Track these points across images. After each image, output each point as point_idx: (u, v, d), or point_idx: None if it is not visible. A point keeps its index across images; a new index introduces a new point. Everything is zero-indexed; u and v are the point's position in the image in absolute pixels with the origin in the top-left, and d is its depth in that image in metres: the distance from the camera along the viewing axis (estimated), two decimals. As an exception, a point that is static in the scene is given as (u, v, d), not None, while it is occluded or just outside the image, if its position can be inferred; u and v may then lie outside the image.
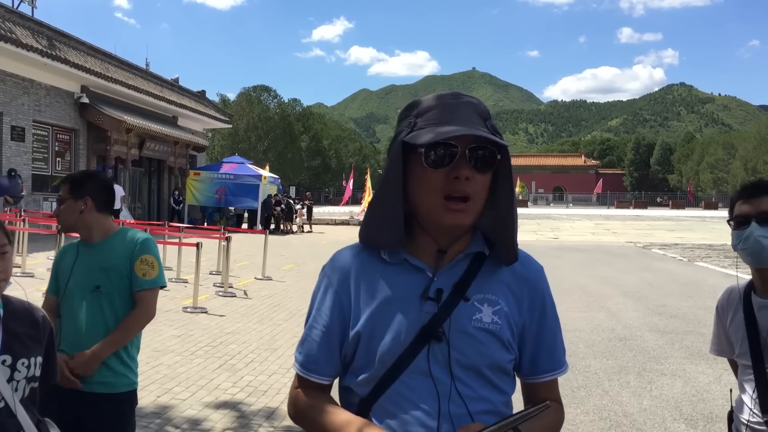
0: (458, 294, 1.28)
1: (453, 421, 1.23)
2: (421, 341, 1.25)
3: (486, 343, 1.28)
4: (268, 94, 67.66)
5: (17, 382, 1.71)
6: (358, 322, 1.29)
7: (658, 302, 10.09)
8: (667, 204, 72.54)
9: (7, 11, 18.14)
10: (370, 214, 1.33)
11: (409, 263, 1.30)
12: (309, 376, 1.34)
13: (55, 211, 2.68)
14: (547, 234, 26.83)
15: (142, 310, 2.60)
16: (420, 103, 1.32)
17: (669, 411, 5.02)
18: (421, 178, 1.25)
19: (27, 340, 1.76)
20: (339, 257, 1.37)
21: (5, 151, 17.68)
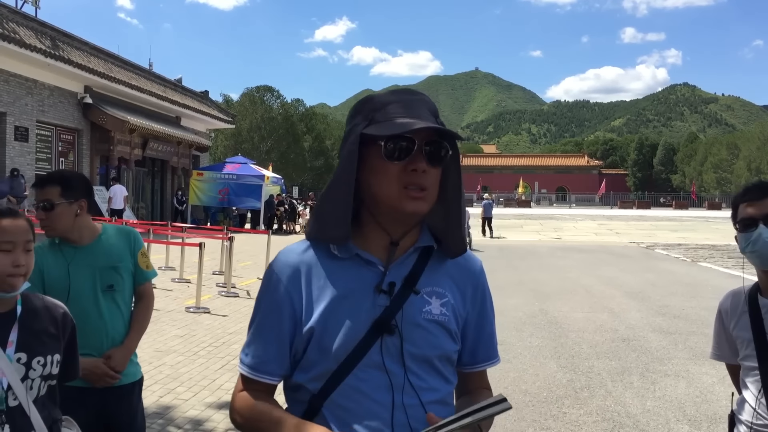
0: (409, 287, 1.31)
1: (406, 412, 1.27)
2: (374, 334, 1.27)
3: (436, 335, 1.32)
4: (271, 95, 67.71)
5: (32, 380, 1.71)
6: (311, 318, 1.28)
7: (661, 303, 10.07)
8: (671, 204, 72.40)
9: (11, 11, 18.18)
10: (320, 210, 1.34)
11: (360, 257, 1.31)
12: (259, 377, 1.32)
13: (41, 215, 2.50)
14: (550, 234, 26.80)
15: (150, 301, 2.78)
16: (375, 99, 1.34)
17: (672, 412, 5.01)
18: (380, 169, 1.28)
19: (45, 337, 1.77)
20: (286, 255, 1.35)
21: (9, 152, 17.72)
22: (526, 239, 24.15)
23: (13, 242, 1.76)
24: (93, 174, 21.75)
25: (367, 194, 1.31)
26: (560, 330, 7.95)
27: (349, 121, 1.35)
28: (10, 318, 1.74)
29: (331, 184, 1.32)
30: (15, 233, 1.78)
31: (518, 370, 6.14)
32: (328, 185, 1.33)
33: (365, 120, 1.30)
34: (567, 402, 5.20)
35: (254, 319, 1.36)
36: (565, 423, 4.73)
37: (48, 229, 2.51)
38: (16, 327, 1.73)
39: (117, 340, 2.57)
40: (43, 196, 2.50)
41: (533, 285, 11.85)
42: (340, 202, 1.29)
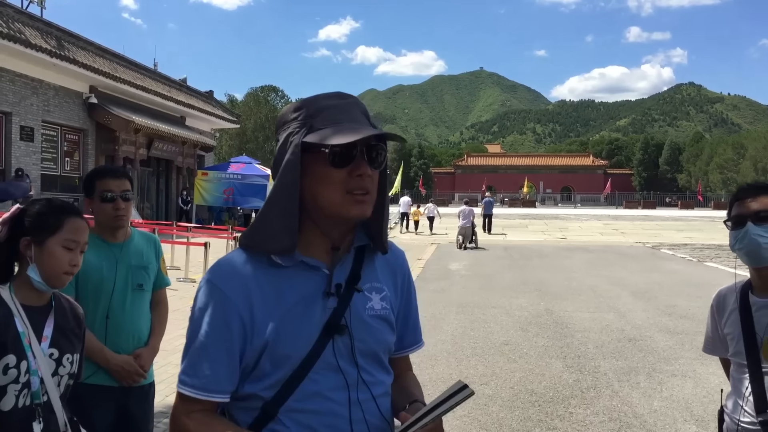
0: (352, 286, 1.33)
1: (362, 407, 1.30)
2: (326, 337, 1.29)
3: (380, 329, 1.36)
4: (276, 94, 67.84)
5: (61, 377, 1.72)
6: (263, 330, 1.26)
7: (667, 303, 10.03)
8: (676, 204, 72.21)
9: (17, 12, 18.23)
10: (262, 221, 1.30)
11: (305, 264, 1.31)
12: (210, 396, 1.26)
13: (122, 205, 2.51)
14: (555, 234, 26.75)
15: (167, 306, 2.84)
16: (308, 105, 1.32)
17: (680, 412, 4.98)
18: (323, 176, 1.27)
19: (71, 335, 1.80)
20: (225, 268, 1.30)
21: (14, 151, 17.77)
22: (531, 239, 24.11)
23: (77, 242, 1.80)
24: (98, 174, 21.78)
25: (308, 201, 1.30)
26: (566, 330, 7.92)
27: (281, 127, 1.34)
28: (45, 312, 1.76)
29: (273, 195, 1.30)
30: (81, 233, 1.82)
31: (524, 370, 6.12)
32: (269, 196, 1.31)
33: (302, 127, 1.29)
34: (573, 402, 5.18)
35: (195, 336, 1.28)
36: (572, 423, 4.71)
37: (123, 220, 2.54)
38: (51, 322, 1.75)
39: (143, 339, 2.62)
40: (123, 186, 2.55)
41: (538, 285, 11.82)
42: (286, 213, 1.28)
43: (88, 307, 2.44)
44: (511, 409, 5.00)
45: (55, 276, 1.74)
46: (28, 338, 1.52)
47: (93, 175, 2.58)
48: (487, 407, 5.00)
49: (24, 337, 1.51)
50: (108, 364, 2.45)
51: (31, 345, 1.54)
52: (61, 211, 1.79)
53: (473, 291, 11.16)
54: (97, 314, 2.48)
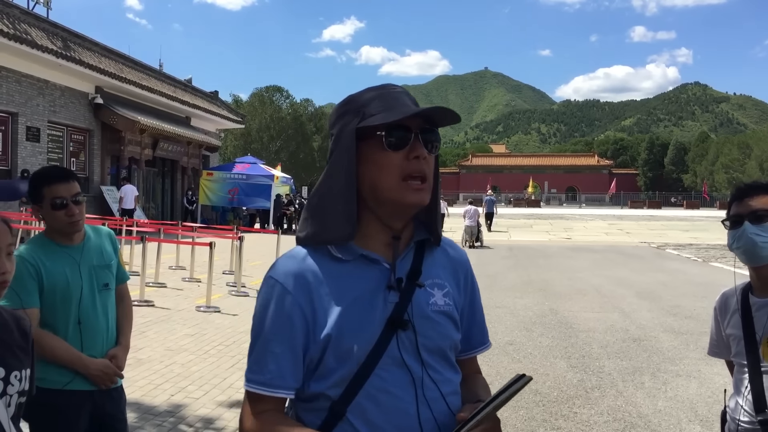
0: (413, 281, 1.32)
1: (430, 406, 1.28)
2: (389, 332, 1.27)
3: (444, 325, 1.35)
4: (281, 95, 67.91)
5: (10, 396, 1.53)
6: (325, 326, 1.26)
7: (672, 303, 10.01)
8: (682, 204, 72.02)
9: (23, 12, 18.31)
10: (317, 212, 1.31)
11: (366, 257, 1.30)
12: (275, 392, 1.26)
13: (76, 210, 2.40)
14: (560, 234, 26.72)
15: (130, 300, 2.79)
16: (360, 97, 1.33)
17: (684, 412, 4.98)
18: (380, 161, 1.27)
19: (18, 351, 1.59)
20: (286, 264, 1.30)
21: (21, 152, 17.85)
22: (536, 239, 24.09)
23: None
24: (104, 174, 21.88)
25: (366, 190, 1.30)
26: (570, 330, 7.92)
27: (336, 122, 1.33)
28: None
29: (328, 184, 1.30)
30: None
31: (528, 369, 6.12)
32: (323, 186, 1.31)
33: (356, 116, 1.29)
34: (578, 402, 5.19)
35: (260, 333, 1.29)
36: (576, 423, 4.72)
37: (79, 225, 2.44)
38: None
39: (113, 339, 2.57)
40: (74, 189, 2.42)
41: (543, 285, 11.81)
42: (342, 200, 1.27)
43: (58, 315, 2.39)
44: (516, 408, 5.00)
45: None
46: None
47: (38, 180, 2.41)
48: (492, 407, 5.00)
49: None
50: (87, 371, 2.40)
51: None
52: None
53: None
54: (70, 321, 2.41)
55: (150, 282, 9.97)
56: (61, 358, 2.36)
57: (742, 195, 2.03)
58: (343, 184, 1.27)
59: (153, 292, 9.64)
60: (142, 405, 4.79)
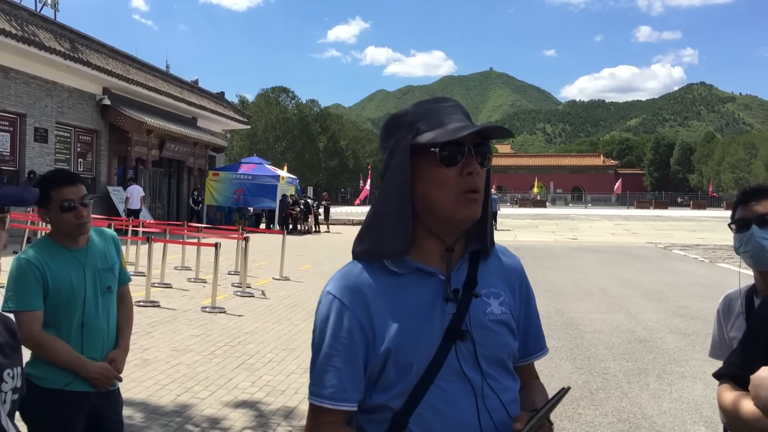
0: (469, 291, 1.33)
1: (491, 415, 1.29)
2: (448, 343, 1.28)
3: (502, 334, 1.36)
4: (286, 95, 68.06)
5: (5, 393, 1.58)
6: (384, 339, 1.28)
7: (679, 304, 9.99)
8: (688, 204, 71.78)
9: (30, 14, 18.40)
10: (373, 227, 1.33)
11: (421, 270, 1.31)
12: (339, 406, 1.27)
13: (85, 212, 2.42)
14: (565, 234, 26.66)
15: (131, 301, 2.80)
16: (411, 112, 1.34)
17: (689, 414, 4.97)
18: (434, 177, 1.28)
19: (8, 350, 1.64)
20: (344, 279, 1.32)
21: (29, 152, 17.94)
22: (542, 239, 24.05)
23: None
24: (111, 174, 21.97)
25: (420, 205, 1.31)
26: (576, 331, 7.91)
27: (388, 137, 1.35)
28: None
29: (384, 200, 1.31)
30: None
31: (534, 370, 6.12)
32: (380, 201, 1.33)
33: (410, 131, 1.31)
34: (583, 403, 5.19)
35: (320, 348, 1.30)
36: (581, 424, 4.72)
37: (86, 227, 2.46)
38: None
39: (112, 342, 2.59)
40: (81, 192, 2.44)
41: (548, 285, 11.80)
42: (399, 215, 1.29)
43: (61, 318, 2.40)
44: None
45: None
46: None
47: (47, 184, 2.41)
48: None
49: None
50: (88, 373, 2.41)
51: None
52: None
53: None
54: (73, 323, 2.43)
55: (156, 282, 10.01)
56: (63, 360, 2.38)
57: (747, 198, 2.03)
58: (399, 200, 1.29)
59: (159, 292, 9.68)
60: (148, 405, 4.82)
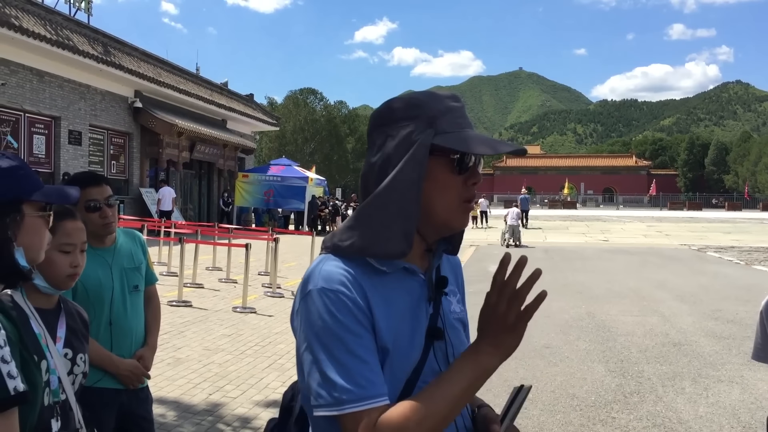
0: (440, 290, 1.31)
1: (462, 414, 1.29)
2: (428, 343, 1.25)
3: (463, 332, 1.36)
4: (315, 97, 68.39)
5: (75, 376, 1.77)
6: (382, 337, 1.20)
7: (713, 306, 9.79)
8: (723, 205, 70.38)
9: (65, 19, 18.78)
10: (372, 221, 1.21)
11: (406, 270, 1.27)
12: (374, 403, 1.12)
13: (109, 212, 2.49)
14: (596, 236, 26.34)
15: (158, 301, 2.84)
16: (427, 105, 1.26)
17: (726, 418, 4.86)
18: (442, 181, 1.23)
19: (81, 337, 1.85)
20: (334, 273, 1.18)
21: (63, 155, 18.31)
22: (572, 241, 23.78)
23: (73, 244, 1.84)
24: (143, 176, 22.31)
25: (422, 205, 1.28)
26: (608, 333, 7.80)
27: (399, 123, 1.25)
28: (56, 314, 1.80)
29: (387, 195, 1.21)
30: (75, 235, 1.86)
31: (565, 374, 6.05)
32: (383, 197, 1.21)
33: (428, 128, 1.23)
34: (616, 407, 5.11)
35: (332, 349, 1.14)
36: (614, 428, 4.65)
37: (112, 227, 2.52)
38: (63, 323, 1.79)
39: (140, 340, 2.63)
40: (106, 193, 2.50)
41: (579, 287, 11.66)
42: (403, 216, 1.20)
43: (91, 316, 2.41)
44: (552, 413, 4.95)
45: (58, 281, 1.78)
46: (44, 339, 1.53)
47: (72, 185, 2.52)
48: (528, 411, 4.96)
49: (41, 338, 1.52)
50: (117, 371, 2.46)
51: (48, 345, 1.55)
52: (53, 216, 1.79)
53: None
54: (102, 322, 2.48)
55: (188, 283, 10.13)
56: (93, 358, 2.40)
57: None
58: (407, 199, 1.20)
59: (191, 292, 9.79)
60: (181, 403, 4.87)
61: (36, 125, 17.56)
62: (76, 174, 2.59)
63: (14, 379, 1.06)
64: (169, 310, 8.41)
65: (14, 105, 16.52)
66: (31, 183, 1.27)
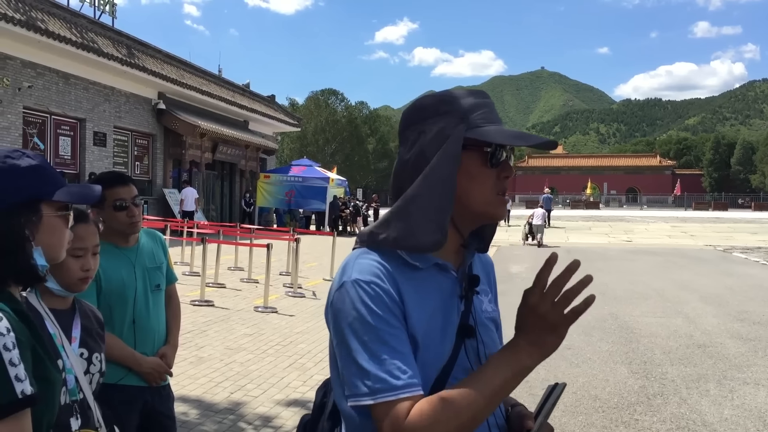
0: (472, 288, 1.31)
1: (494, 413, 1.28)
2: (459, 340, 1.26)
3: (494, 331, 1.36)
4: (336, 97, 68.58)
5: (92, 375, 1.79)
6: (415, 329, 1.21)
7: (739, 308, 9.64)
8: (750, 206, 69.23)
9: (90, 22, 19.05)
10: (408, 214, 1.22)
11: (438, 265, 1.27)
12: (407, 392, 1.12)
13: (136, 212, 2.53)
14: (619, 237, 26.07)
15: (178, 300, 2.87)
16: (460, 99, 1.27)
17: (752, 421, 4.79)
18: (476, 174, 1.25)
19: (96, 336, 1.87)
20: (372, 266, 1.20)
21: (88, 156, 18.57)
22: (595, 241, 23.56)
23: (84, 248, 1.86)
24: (166, 177, 22.54)
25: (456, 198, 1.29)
26: (631, 335, 7.72)
27: (431, 118, 1.26)
28: (71, 315, 1.83)
29: (422, 189, 1.23)
30: (87, 239, 1.87)
31: (587, 375, 6.00)
32: (419, 189, 1.23)
33: (460, 121, 1.24)
34: (639, 409, 5.05)
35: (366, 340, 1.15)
36: (637, 430, 4.60)
37: (138, 226, 2.57)
38: (78, 324, 1.81)
39: (162, 338, 2.67)
40: (133, 192, 2.55)
41: (602, 288, 11.55)
42: (438, 208, 1.22)
43: (114, 315, 2.48)
44: (574, 414, 4.91)
45: (71, 284, 1.80)
46: (59, 339, 1.55)
47: (100, 184, 2.53)
48: (549, 412, 4.92)
49: (56, 338, 1.54)
50: (140, 368, 2.50)
51: (63, 345, 1.57)
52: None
53: (534, 294, 10.97)
54: (125, 320, 2.51)
55: (210, 282, 10.21)
56: (117, 356, 2.46)
57: None
58: (442, 193, 1.22)
59: (213, 292, 9.87)
60: (203, 402, 4.91)
61: (62, 127, 17.82)
62: (103, 173, 2.63)
63: (22, 382, 1.05)
64: (191, 309, 8.49)
65: (41, 107, 16.80)
66: (52, 182, 1.27)
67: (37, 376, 1.12)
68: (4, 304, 1.14)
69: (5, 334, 1.06)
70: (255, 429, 4.43)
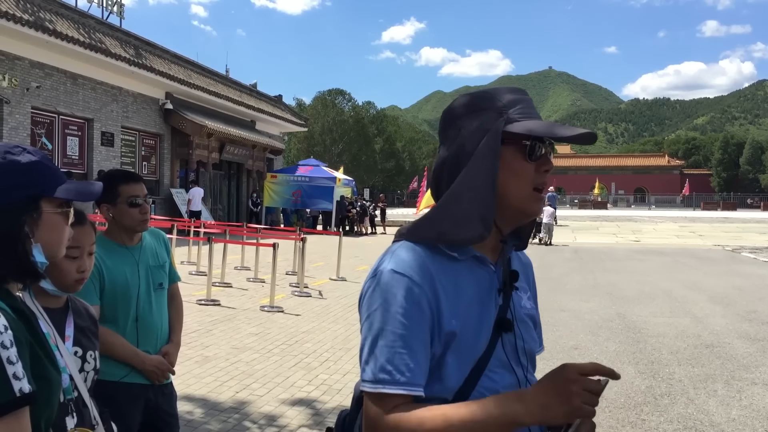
0: (511, 284, 1.32)
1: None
2: (496, 334, 1.27)
3: (533, 328, 1.38)
4: (343, 97, 68.58)
5: (87, 373, 1.78)
6: (450, 322, 1.22)
7: (748, 308, 9.58)
8: (759, 206, 68.83)
9: (98, 22, 19.13)
10: (452, 209, 1.25)
11: (477, 258, 1.29)
12: (415, 390, 1.17)
13: (146, 209, 2.57)
14: (627, 236, 25.97)
15: (180, 298, 2.87)
16: (499, 96, 1.29)
17: (760, 422, 4.75)
18: (515, 168, 1.26)
19: (90, 334, 1.86)
20: (409, 258, 1.23)
21: (96, 156, 18.65)
22: (602, 241, 23.48)
23: (80, 248, 1.85)
24: (173, 177, 22.61)
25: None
26: (639, 335, 7.68)
27: (469, 115, 1.28)
28: (64, 313, 1.82)
29: (465, 183, 1.25)
30: (82, 240, 1.86)
31: (594, 374, 5.96)
32: (462, 185, 1.25)
33: (498, 116, 1.26)
34: (646, 409, 5.02)
35: (384, 330, 1.18)
36: (644, 430, 4.57)
37: (147, 224, 2.59)
38: (71, 322, 1.80)
39: (165, 336, 2.68)
40: (145, 191, 2.58)
41: (609, 288, 11.51)
42: (481, 203, 1.24)
43: (118, 313, 2.48)
44: (580, 414, 4.88)
45: (66, 285, 1.80)
46: (53, 338, 1.53)
47: (114, 180, 2.53)
48: (555, 412, 4.90)
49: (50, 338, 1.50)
50: (144, 366, 2.50)
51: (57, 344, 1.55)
52: None
53: (541, 294, 10.85)
54: (129, 318, 2.51)
55: (216, 282, 10.23)
56: (120, 354, 2.46)
57: None
58: (484, 186, 1.24)
59: (219, 291, 9.89)
60: (208, 401, 4.91)
61: (70, 127, 17.91)
62: (116, 170, 2.65)
63: (20, 381, 1.04)
64: (197, 308, 8.50)
65: (49, 107, 16.88)
66: (52, 178, 1.25)
67: (36, 374, 1.11)
68: (2, 302, 1.13)
69: (2, 332, 1.05)
70: (260, 428, 4.43)
